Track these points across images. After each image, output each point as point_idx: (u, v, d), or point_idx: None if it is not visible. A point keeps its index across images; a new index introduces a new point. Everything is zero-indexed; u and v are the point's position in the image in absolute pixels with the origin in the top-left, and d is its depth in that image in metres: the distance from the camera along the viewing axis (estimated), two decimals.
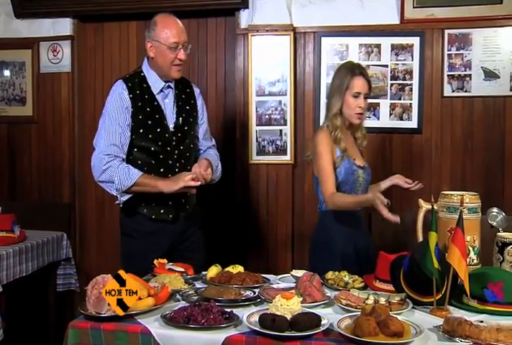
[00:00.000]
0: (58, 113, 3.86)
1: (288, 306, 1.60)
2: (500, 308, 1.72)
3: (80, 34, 3.88)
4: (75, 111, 3.88)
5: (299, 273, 2.00)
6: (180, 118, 2.43)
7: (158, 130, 2.37)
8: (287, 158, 3.42)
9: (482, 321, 1.54)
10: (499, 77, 3.24)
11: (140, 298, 1.72)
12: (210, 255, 2.57)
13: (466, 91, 3.29)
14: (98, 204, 3.91)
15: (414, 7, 3.31)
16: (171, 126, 2.41)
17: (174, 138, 2.40)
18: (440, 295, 1.76)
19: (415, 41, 3.34)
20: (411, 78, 3.35)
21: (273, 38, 3.43)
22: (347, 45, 3.41)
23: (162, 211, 2.39)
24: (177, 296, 1.87)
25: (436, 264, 1.71)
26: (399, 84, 3.37)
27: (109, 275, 1.71)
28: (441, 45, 3.31)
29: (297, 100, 3.46)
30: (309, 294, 1.80)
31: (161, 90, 2.41)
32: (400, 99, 3.36)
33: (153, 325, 1.62)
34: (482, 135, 3.29)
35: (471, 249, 1.94)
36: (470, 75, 3.28)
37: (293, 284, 1.94)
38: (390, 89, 3.38)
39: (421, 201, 2.11)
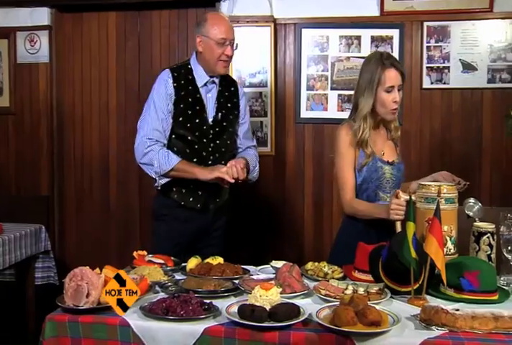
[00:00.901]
0: (36, 104, 3.82)
1: (267, 297, 1.61)
2: (476, 296, 1.75)
3: (58, 24, 3.82)
4: (53, 102, 3.84)
5: (279, 264, 2.00)
6: (220, 114, 2.51)
7: (197, 121, 2.45)
8: (267, 149, 3.43)
9: (458, 309, 1.56)
10: (476, 70, 3.28)
11: None
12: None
13: (444, 83, 3.33)
14: (77, 196, 3.88)
15: None
16: (210, 119, 2.48)
17: (211, 131, 2.48)
18: (417, 285, 1.78)
19: (394, 33, 3.36)
20: None
21: (254, 29, 3.41)
22: (328, 37, 3.42)
23: (191, 199, 2.47)
24: (157, 288, 1.86)
25: (413, 254, 1.73)
26: None
27: (87, 267, 1.70)
28: (420, 37, 3.34)
29: (277, 92, 3.45)
30: (289, 284, 1.80)
31: (205, 84, 2.49)
32: None
33: (132, 317, 1.61)
34: (460, 126, 3.33)
35: (448, 238, 1.95)
36: (449, 67, 3.31)
37: (273, 275, 1.94)
38: None
39: (400, 193, 2.12)
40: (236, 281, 1.89)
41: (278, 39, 3.45)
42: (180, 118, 2.43)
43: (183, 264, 2.12)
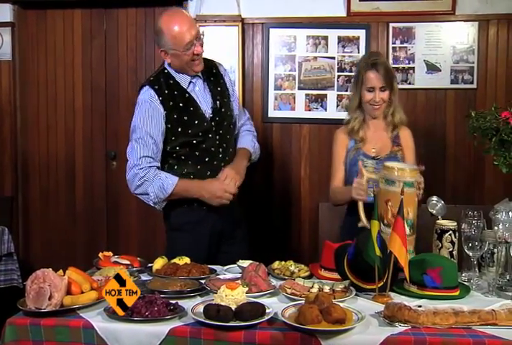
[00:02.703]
0: None
1: (232, 296, 1.61)
2: (438, 293, 1.79)
3: (21, 21, 3.75)
4: (16, 102, 3.76)
5: (245, 263, 2.01)
6: (218, 102, 2.38)
7: (196, 122, 2.32)
8: None
9: (420, 306, 1.59)
10: (440, 71, 3.35)
11: (83, 292, 1.69)
12: None
13: (410, 83, 3.38)
14: (42, 197, 3.82)
15: (360, 0, 3.37)
16: (208, 112, 2.36)
17: (212, 123, 2.36)
18: (382, 283, 1.80)
19: (361, 33, 3.40)
20: None
21: (221, 29, 3.41)
22: (295, 37, 3.44)
23: None
24: None
25: (378, 252, 1.75)
26: (346, 76, 3.42)
27: (50, 269, 1.67)
28: (386, 38, 3.39)
29: (245, 91, 3.46)
30: (255, 284, 1.80)
31: (189, 82, 2.36)
32: (346, 91, 3.40)
33: (96, 319, 1.59)
34: (424, 126, 3.39)
35: (404, 221, 1.99)
36: (414, 67, 3.37)
37: (240, 275, 1.94)
38: (337, 81, 3.43)
39: (362, 170, 2.18)
40: (203, 281, 1.89)
41: (246, 38, 3.46)
42: (179, 129, 2.30)
43: (149, 265, 2.10)
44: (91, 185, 3.79)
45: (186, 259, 2.06)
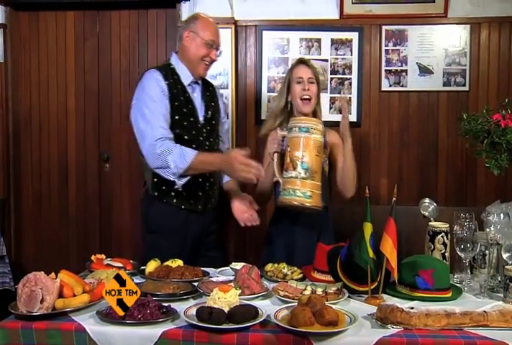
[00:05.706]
0: None
1: (225, 299, 1.61)
2: (430, 294, 1.80)
3: (13, 22, 3.72)
4: (8, 103, 3.73)
5: (238, 266, 2.01)
6: (209, 112, 2.46)
7: (191, 119, 2.38)
8: None
9: (412, 308, 1.60)
10: (433, 73, 3.37)
11: (75, 295, 1.69)
12: None
13: (402, 86, 3.40)
14: (34, 199, 3.79)
15: (353, 3, 3.38)
16: (201, 118, 2.42)
17: (204, 130, 2.42)
18: (375, 285, 1.81)
19: (354, 36, 3.41)
20: (350, 73, 3.42)
21: None
22: (288, 39, 3.44)
23: (192, 201, 2.39)
24: None
25: (371, 254, 1.76)
26: (339, 78, 3.43)
27: (42, 272, 1.66)
28: (378, 41, 3.40)
29: (238, 94, 3.46)
30: (248, 286, 1.81)
31: (189, 84, 2.42)
32: (339, 93, 3.42)
33: (88, 322, 1.58)
34: (417, 128, 3.41)
35: (299, 163, 2.14)
36: (406, 70, 3.39)
37: (233, 277, 1.94)
38: (330, 83, 3.44)
39: (277, 129, 2.34)
40: (196, 283, 1.89)
41: (239, 40, 3.46)
42: (177, 117, 2.33)
43: (142, 267, 2.10)
44: (84, 187, 3.78)
45: (179, 262, 2.06)
